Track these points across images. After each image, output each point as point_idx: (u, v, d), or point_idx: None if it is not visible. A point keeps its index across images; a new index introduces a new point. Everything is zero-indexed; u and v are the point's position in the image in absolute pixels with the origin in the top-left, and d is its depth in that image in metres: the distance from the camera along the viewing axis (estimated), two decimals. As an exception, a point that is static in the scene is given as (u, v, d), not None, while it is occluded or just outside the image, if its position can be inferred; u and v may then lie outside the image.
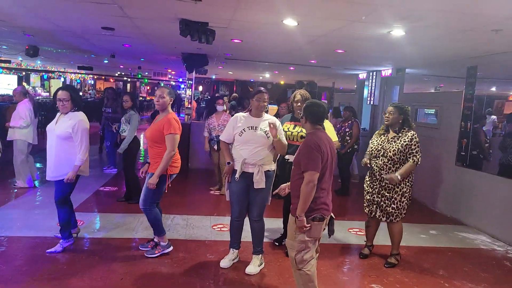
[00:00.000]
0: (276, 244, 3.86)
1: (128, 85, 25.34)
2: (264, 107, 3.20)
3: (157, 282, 2.98)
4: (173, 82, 22.64)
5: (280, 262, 3.48)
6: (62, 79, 21.19)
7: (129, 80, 24.83)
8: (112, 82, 23.60)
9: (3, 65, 14.35)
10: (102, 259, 3.29)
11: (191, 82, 8.46)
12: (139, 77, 19.72)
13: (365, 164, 3.61)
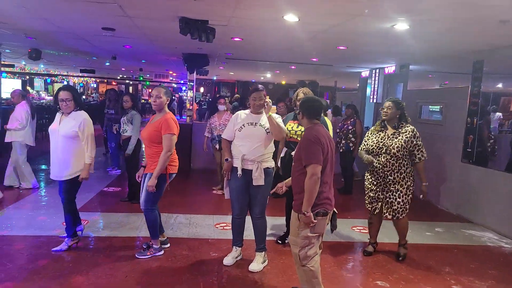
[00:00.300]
0: (279, 243, 3.82)
1: (130, 88, 25.46)
2: (262, 105, 3.15)
3: (161, 280, 2.96)
4: (175, 84, 22.68)
5: (283, 260, 3.45)
6: (65, 83, 21.33)
7: (131, 83, 24.95)
8: (115, 85, 23.69)
9: (7, 70, 14.44)
10: (107, 257, 3.29)
11: (192, 84, 8.46)
12: (141, 80, 19.78)
13: (371, 162, 3.51)
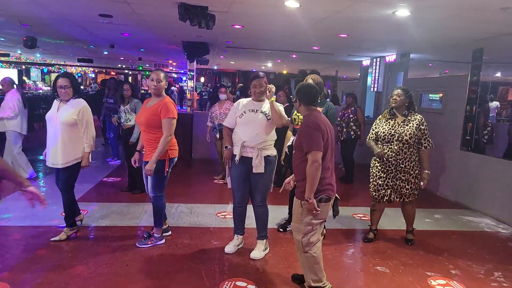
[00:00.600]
0: (281, 231, 3.85)
1: (130, 78, 25.26)
2: (263, 92, 3.12)
3: (163, 268, 2.98)
4: (175, 74, 22.53)
5: (285, 247, 3.48)
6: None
7: (130, 73, 24.76)
8: (114, 75, 23.53)
9: (2, 59, 14.27)
10: (107, 247, 3.30)
11: (193, 73, 8.39)
12: (140, 69, 19.62)
13: (383, 155, 3.49)
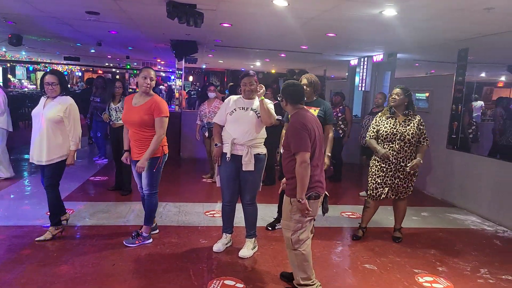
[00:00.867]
0: (270, 229, 3.85)
1: (117, 77, 24.93)
2: (253, 91, 3.12)
3: (150, 267, 2.94)
4: (163, 73, 22.32)
5: (274, 245, 3.47)
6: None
7: (118, 72, 24.43)
8: (101, 74, 23.18)
9: (-14, 57, 13.92)
10: (93, 246, 3.25)
11: (181, 72, 8.32)
12: (128, 68, 19.38)
13: (389, 156, 3.50)
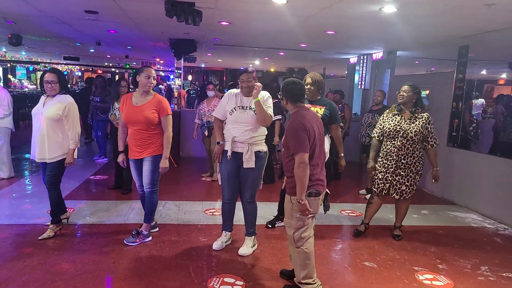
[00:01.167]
0: (270, 227, 3.85)
1: (117, 77, 24.93)
2: (251, 88, 3.09)
3: (150, 265, 2.94)
4: (162, 73, 22.31)
5: (273, 243, 3.47)
6: (49, 71, 20.64)
7: (117, 72, 24.42)
8: (101, 73, 23.19)
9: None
10: (94, 244, 3.25)
11: (180, 71, 8.32)
12: (127, 67, 19.37)
13: (371, 170, 3.77)
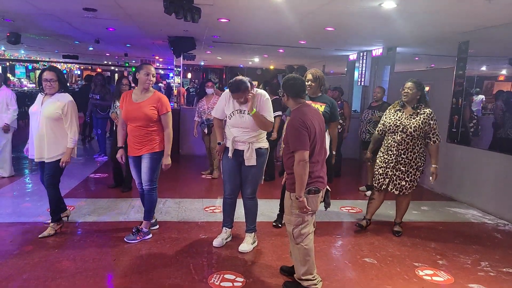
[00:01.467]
0: (280, 226, 3.75)
1: (116, 75, 24.88)
2: (245, 101, 3.01)
3: (150, 262, 2.95)
4: (162, 71, 22.27)
5: (273, 240, 3.48)
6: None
7: (117, 70, 24.38)
8: (100, 72, 23.14)
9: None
10: (94, 242, 3.26)
11: (179, 69, 8.29)
12: (126, 66, 19.33)
13: (367, 160, 3.93)
